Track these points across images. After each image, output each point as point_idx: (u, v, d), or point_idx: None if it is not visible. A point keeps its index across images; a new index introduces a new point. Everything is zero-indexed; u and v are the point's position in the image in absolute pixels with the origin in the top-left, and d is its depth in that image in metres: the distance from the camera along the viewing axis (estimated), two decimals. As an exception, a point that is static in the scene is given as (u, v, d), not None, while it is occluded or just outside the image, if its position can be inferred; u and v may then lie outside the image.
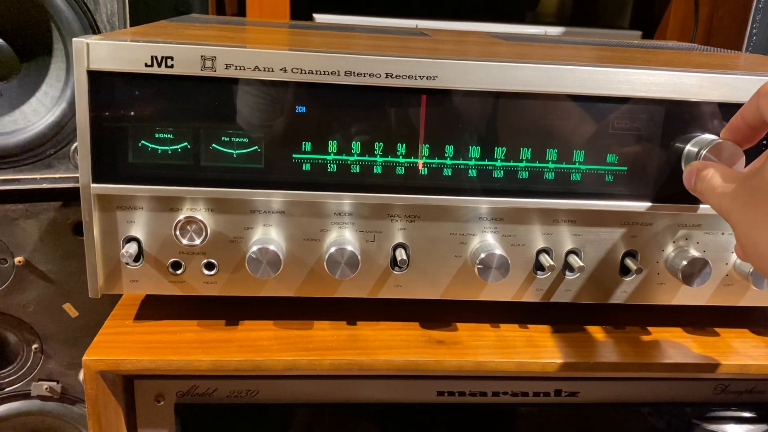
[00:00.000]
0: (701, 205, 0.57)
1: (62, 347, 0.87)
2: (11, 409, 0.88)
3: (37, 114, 0.77)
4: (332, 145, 0.53)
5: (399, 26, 1.03)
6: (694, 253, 0.57)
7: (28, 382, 0.88)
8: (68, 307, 0.85)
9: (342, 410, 0.60)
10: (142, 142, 0.52)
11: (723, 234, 0.58)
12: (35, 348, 0.86)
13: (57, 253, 0.82)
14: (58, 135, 0.77)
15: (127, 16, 0.78)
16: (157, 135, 0.52)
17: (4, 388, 0.88)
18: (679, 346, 0.59)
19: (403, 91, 0.52)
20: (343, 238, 0.55)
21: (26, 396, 0.88)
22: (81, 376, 0.86)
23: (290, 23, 0.92)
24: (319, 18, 1.04)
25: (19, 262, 0.81)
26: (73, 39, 0.49)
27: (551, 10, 1.42)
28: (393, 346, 0.56)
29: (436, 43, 0.72)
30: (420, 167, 0.54)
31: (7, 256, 0.81)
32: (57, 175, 0.78)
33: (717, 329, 0.62)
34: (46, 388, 0.87)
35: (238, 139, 0.53)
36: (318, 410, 0.59)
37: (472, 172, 0.55)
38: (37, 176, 0.78)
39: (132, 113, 0.51)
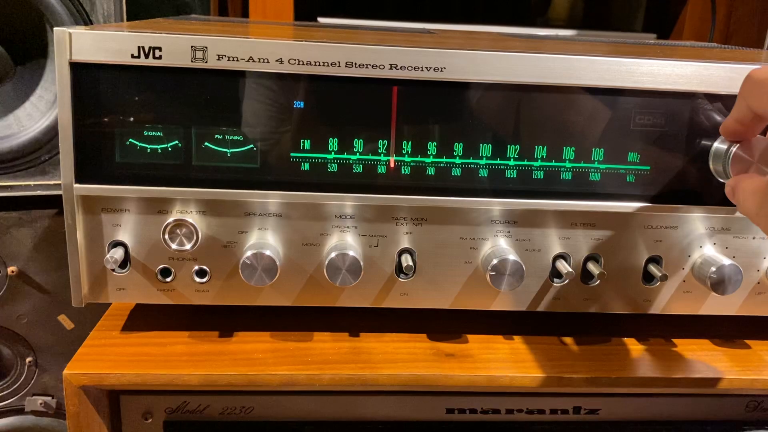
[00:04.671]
0: (731, 207, 0.54)
1: (57, 360, 0.86)
2: (4, 425, 0.87)
3: (31, 118, 0.77)
4: (333, 143, 0.51)
5: (406, 27, 1.01)
6: (723, 259, 0.55)
7: (21, 396, 0.86)
8: (63, 319, 0.84)
9: (343, 429, 0.58)
10: (130, 139, 0.50)
11: (754, 238, 0.56)
12: (29, 361, 0.85)
13: (52, 262, 0.81)
14: (53, 140, 0.77)
15: (125, 17, 0.77)
16: (145, 132, 0.50)
17: (-4, 403, 0.86)
18: (707, 359, 0.57)
19: (408, 84, 0.50)
20: (345, 242, 0.53)
21: (20, 411, 0.87)
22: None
23: (294, 23, 0.90)
24: (324, 21, 1.03)
25: (13, 272, 0.80)
26: (55, 29, 0.47)
27: (562, 14, 1.41)
28: (398, 360, 0.54)
29: (444, 38, 0.69)
30: (427, 166, 0.52)
31: (0, 266, 0.79)
32: (52, 182, 0.78)
33: (748, 341, 0.60)
34: (41, 403, 0.86)
35: (232, 137, 0.51)
36: (317, 428, 0.58)
37: (483, 172, 0.53)
38: (32, 183, 0.78)
39: (118, 108, 0.49)
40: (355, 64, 0.49)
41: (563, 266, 0.55)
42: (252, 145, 0.51)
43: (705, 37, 1.12)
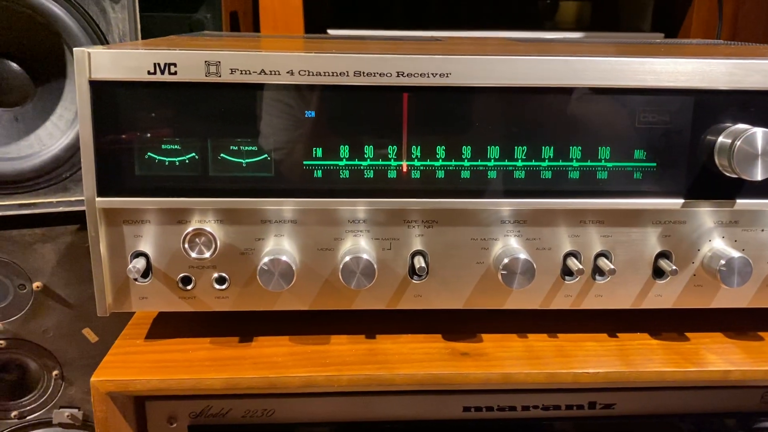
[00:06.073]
0: (738, 200, 0.54)
1: (83, 373, 0.87)
2: (33, 438, 0.87)
3: (52, 137, 0.78)
4: (344, 150, 0.52)
5: (415, 36, 1.02)
6: (732, 251, 0.55)
7: (49, 409, 0.87)
8: (88, 332, 0.85)
9: (362, 429, 0.58)
10: (148, 153, 0.51)
11: (763, 230, 0.56)
12: (56, 374, 0.86)
13: (75, 277, 0.82)
14: (74, 157, 0.77)
15: (139, 35, 0.78)
16: (163, 145, 0.51)
17: (25, 416, 0.87)
18: (720, 352, 0.57)
19: (416, 90, 0.51)
20: (358, 246, 0.54)
21: (47, 424, 0.88)
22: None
23: (304, 36, 0.91)
24: (334, 33, 1.03)
25: (38, 287, 0.81)
26: (74, 49, 0.48)
27: (570, 17, 1.41)
28: (414, 360, 0.55)
29: (451, 45, 0.70)
30: (436, 170, 0.53)
31: (25, 281, 0.81)
32: (73, 198, 0.79)
33: (761, 333, 0.60)
34: (68, 416, 0.87)
35: (246, 148, 0.52)
36: (337, 429, 0.58)
37: (492, 174, 0.53)
38: (54, 200, 0.78)
39: (136, 123, 0.50)
40: (363, 73, 0.50)
41: (574, 264, 0.55)
42: (266, 155, 0.52)
43: (713, 35, 1.11)
